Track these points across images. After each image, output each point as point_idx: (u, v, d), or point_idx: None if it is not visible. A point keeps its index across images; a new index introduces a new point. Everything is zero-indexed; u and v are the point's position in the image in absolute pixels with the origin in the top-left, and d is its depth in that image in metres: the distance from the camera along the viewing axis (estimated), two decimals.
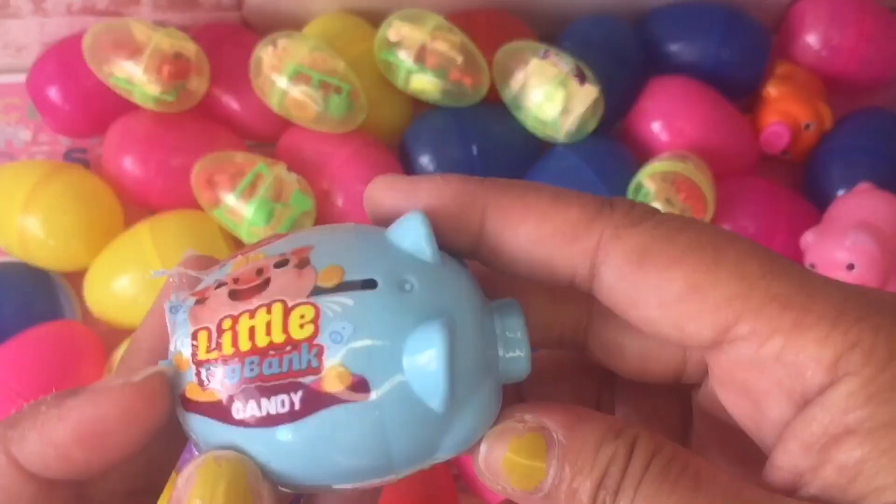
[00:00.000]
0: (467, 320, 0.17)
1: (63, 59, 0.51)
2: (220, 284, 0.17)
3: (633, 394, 0.22)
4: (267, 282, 0.16)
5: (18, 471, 0.16)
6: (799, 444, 0.16)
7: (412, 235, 0.17)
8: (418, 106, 0.54)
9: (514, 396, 0.21)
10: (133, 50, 0.48)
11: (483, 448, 0.17)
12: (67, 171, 0.50)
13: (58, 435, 0.16)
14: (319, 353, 0.15)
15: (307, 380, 0.15)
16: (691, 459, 0.16)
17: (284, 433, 0.16)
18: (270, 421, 0.16)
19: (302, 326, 0.16)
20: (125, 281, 0.47)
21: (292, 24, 0.54)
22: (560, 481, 0.16)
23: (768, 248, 0.18)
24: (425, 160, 0.52)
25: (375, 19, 0.53)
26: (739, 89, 0.55)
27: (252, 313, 0.16)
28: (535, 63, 0.51)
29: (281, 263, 0.17)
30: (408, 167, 0.53)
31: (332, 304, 0.16)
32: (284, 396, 0.16)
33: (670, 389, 0.21)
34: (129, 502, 0.19)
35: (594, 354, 0.21)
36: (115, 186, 0.51)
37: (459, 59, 0.51)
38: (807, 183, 0.55)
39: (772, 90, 0.54)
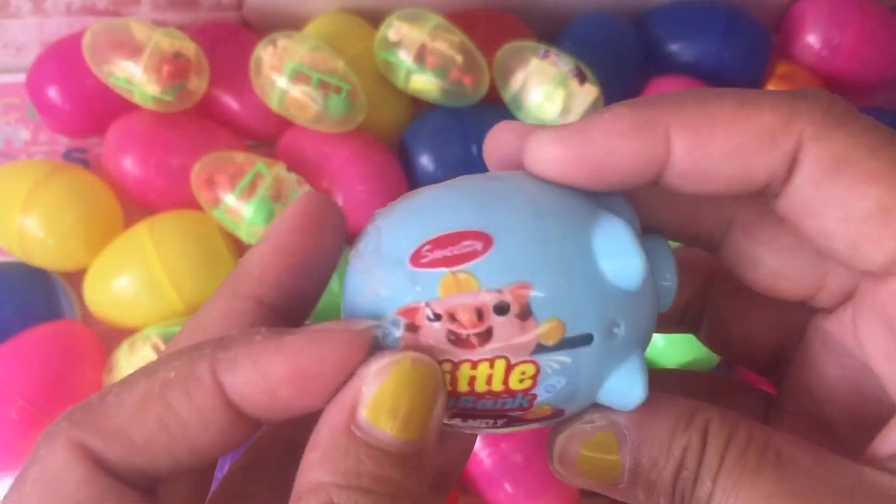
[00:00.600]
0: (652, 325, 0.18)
1: (62, 59, 0.51)
2: (435, 316, 0.16)
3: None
4: (489, 331, 0.16)
5: (220, 396, 0.15)
6: None
7: (620, 252, 0.17)
8: (418, 106, 0.54)
9: None
10: (133, 50, 0.48)
11: (556, 451, 0.17)
12: (67, 171, 0.50)
13: (272, 367, 0.15)
14: (532, 399, 0.17)
15: (514, 414, 0.17)
16: (770, 440, 0.16)
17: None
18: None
19: (521, 381, 0.16)
20: (125, 281, 0.47)
21: (292, 23, 0.54)
22: (636, 475, 0.16)
23: None
24: (425, 160, 0.52)
25: (375, 19, 0.53)
26: None
27: (474, 365, 0.16)
28: (535, 63, 0.51)
29: (501, 310, 0.16)
30: (408, 167, 0.53)
31: (552, 363, 0.16)
32: (490, 420, 0.17)
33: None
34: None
35: (726, 260, 0.20)
36: (115, 186, 0.51)
37: (459, 58, 0.51)
38: None
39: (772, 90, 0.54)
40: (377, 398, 0.15)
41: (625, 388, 0.17)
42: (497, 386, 0.16)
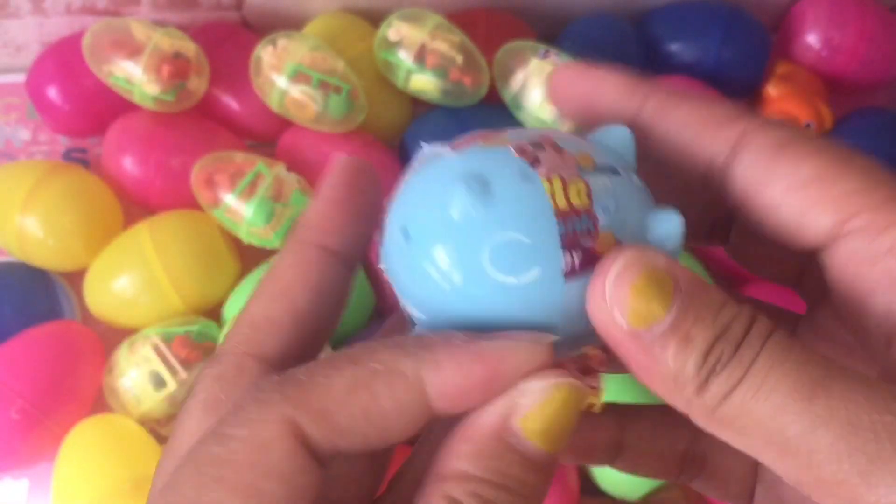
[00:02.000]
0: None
1: (62, 59, 0.51)
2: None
3: None
4: (537, 158, 0.18)
5: (420, 392, 0.17)
6: None
7: (619, 144, 0.20)
8: (418, 106, 0.54)
9: None
10: (132, 49, 0.48)
11: (617, 265, 0.17)
12: (67, 170, 0.50)
13: (473, 371, 0.17)
14: (595, 222, 0.18)
15: (586, 242, 0.18)
16: (815, 347, 0.17)
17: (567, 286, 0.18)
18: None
19: (579, 196, 0.18)
20: (125, 281, 0.47)
21: (292, 23, 0.54)
22: (678, 325, 0.16)
23: None
24: None
25: (375, 19, 0.53)
26: (739, 89, 0.55)
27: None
28: (535, 63, 0.51)
29: (537, 146, 0.19)
30: (408, 167, 0.52)
31: (597, 182, 0.18)
32: (570, 252, 0.18)
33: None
34: None
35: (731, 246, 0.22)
36: (115, 186, 0.51)
37: (459, 58, 0.51)
38: None
39: (772, 90, 0.54)
40: (534, 414, 0.17)
41: (665, 220, 0.19)
42: (561, 202, 0.18)
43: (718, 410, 0.16)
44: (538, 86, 0.50)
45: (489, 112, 0.53)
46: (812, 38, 0.55)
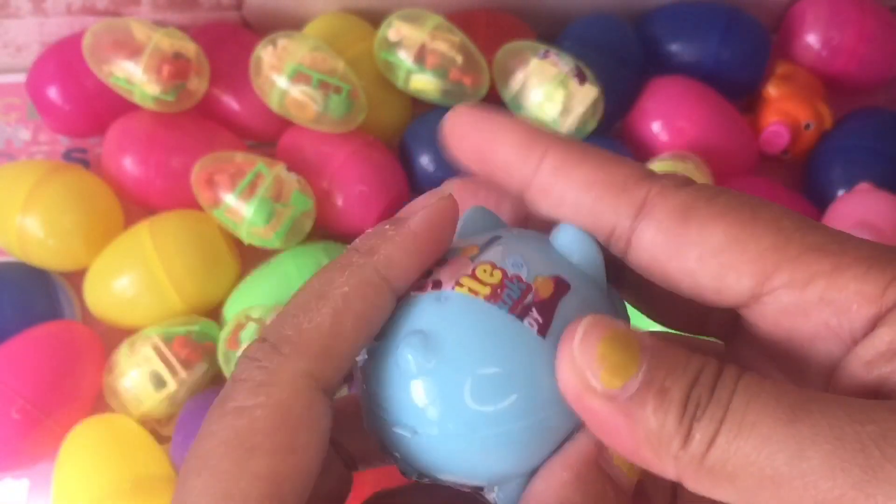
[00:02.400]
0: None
1: (63, 59, 0.51)
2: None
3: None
4: (438, 282, 0.19)
5: (388, 288, 0.18)
6: (860, 363, 0.17)
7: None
8: (418, 106, 0.54)
9: None
10: (133, 50, 0.48)
11: (581, 330, 0.17)
12: (67, 170, 0.50)
13: (417, 249, 0.19)
14: (517, 278, 0.19)
15: (527, 299, 0.18)
16: (783, 383, 0.17)
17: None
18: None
19: (491, 275, 0.19)
20: (125, 281, 0.47)
21: (292, 23, 0.54)
22: (651, 379, 0.16)
23: None
24: (425, 160, 0.52)
25: (375, 19, 0.53)
26: (739, 89, 0.55)
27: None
28: (535, 63, 0.51)
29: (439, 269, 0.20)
30: (408, 167, 0.53)
31: (491, 254, 0.19)
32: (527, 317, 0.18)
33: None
34: None
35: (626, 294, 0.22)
36: (115, 186, 0.51)
37: (459, 59, 0.51)
38: (807, 183, 0.55)
39: (772, 90, 0.54)
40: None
41: (571, 234, 0.19)
42: (484, 291, 0.18)
43: (706, 459, 0.16)
44: (538, 86, 0.50)
45: None
46: (812, 39, 0.55)
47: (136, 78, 0.48)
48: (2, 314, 0.48)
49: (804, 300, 0.17)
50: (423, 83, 0.51)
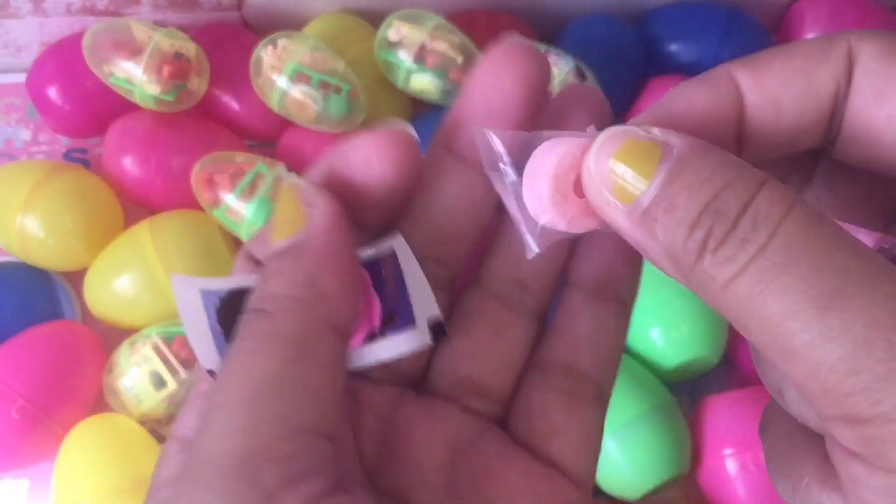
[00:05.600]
0: None
1: (63, 59, 0.51)
2: None
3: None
4: None
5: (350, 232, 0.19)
6: None
7: None
8: (418, 106, 0.54)
9: None
10: (133, 50, 0.48)
11: (601, 138, 0.16)
12: (67, 171, 0.50)
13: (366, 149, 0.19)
14: None
15: None
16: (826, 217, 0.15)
17: None
18: None
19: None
20: (125, 281, 0.47)
21: (292, 24, 0.54)
22: (663, 193, 0.15)
23: None
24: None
25: (375, 19, 0.53)
26: None
27: None
28: None
29: None
30: None
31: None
32: None
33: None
34: None
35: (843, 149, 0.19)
36: (115, 186, 0.51)
37: (459, 59, 0.51)
38: None
39: None
40: None
41: None
42: None
43: (727, 291, 0.15)
44: None
45: None
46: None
47: (136, 78, 0.48)
48: (2, 314, 0.48)
49: None
50: (423, 83, 0.51)
